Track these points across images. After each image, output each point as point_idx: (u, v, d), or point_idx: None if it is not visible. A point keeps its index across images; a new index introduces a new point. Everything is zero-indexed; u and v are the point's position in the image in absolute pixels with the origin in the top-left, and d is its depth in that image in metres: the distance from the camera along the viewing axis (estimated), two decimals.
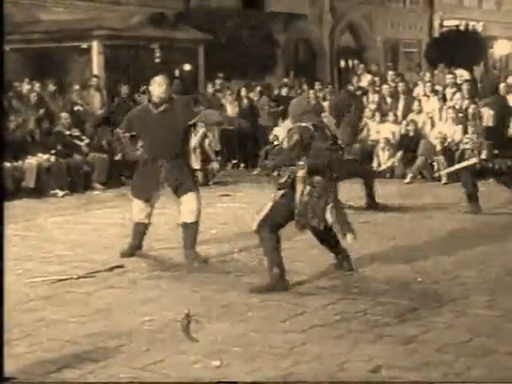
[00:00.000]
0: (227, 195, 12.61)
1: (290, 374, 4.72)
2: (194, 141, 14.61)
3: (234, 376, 4.66)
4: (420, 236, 8.80)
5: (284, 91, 17.34)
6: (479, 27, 26.59)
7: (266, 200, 6.92)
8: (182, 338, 5.18)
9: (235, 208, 11.14)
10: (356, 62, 17.80)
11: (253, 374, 4.70)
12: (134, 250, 7.94)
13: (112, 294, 6.60)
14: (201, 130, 15.19)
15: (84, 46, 17.84)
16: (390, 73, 17.24)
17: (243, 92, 16.93)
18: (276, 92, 17.84)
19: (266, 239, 6.59)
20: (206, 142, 14.66)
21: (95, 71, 17.36)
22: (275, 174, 6.97)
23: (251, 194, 12.51)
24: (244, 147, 16.41)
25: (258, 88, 17.37)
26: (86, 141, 14.00)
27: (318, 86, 17.77)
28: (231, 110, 16.61)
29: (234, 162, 16.31)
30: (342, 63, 26.94)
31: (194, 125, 7.86)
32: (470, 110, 14.81)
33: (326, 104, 16.35)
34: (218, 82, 17.35)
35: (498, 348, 5.12)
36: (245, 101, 16.74)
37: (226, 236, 8.94)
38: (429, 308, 6.01)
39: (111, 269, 7.35)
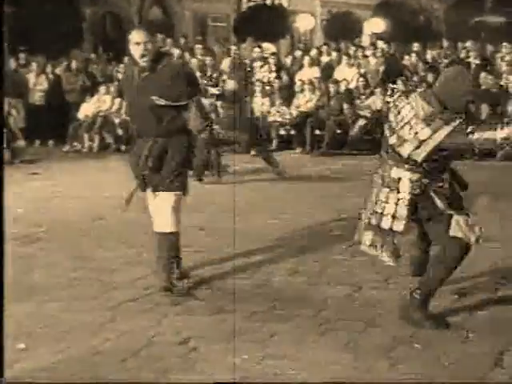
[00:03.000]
0: (36, 173, 12.27)
1: (98, 352, 4.70)
2: None
3: (39, 357, 4.57)
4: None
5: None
6: (284, 2, 27.17)
7: (76, 177, 6.80)
8: None
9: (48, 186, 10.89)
10: (163, 36, 17.73)
11: (59, 355, 4.64)
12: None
13: None
14: (5, 107, 14.59)
15: None
16: (198, 46, 17.33)
17: (48, 67, 16.47)
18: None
19: None
20: (11, 119, 14.30)
21: None
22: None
23: (61, 171, 12.30)
24: (52, 124, 15.98)
25: (65, 63, 16.93)
26: None
27: (127, 60, 17.52)
28: (37, 85, 16.13)
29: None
30: None
31: None
32: (275, 84, 15.28)
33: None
34: (21, 56, 16.75)
35: (300, 312, 5.33)
36: (50, 76, 16.31)
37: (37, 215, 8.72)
38: (235, 277, 6.15)
39: None
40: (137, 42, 5.59)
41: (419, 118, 5.00)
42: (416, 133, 4.98)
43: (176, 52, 17.31)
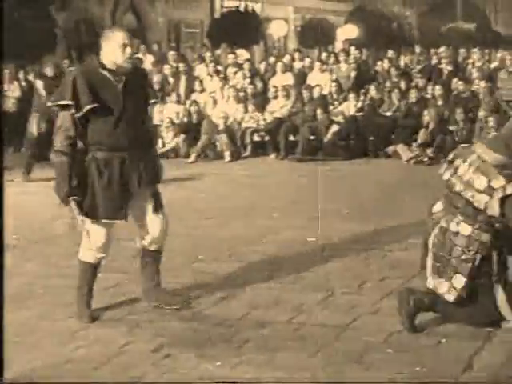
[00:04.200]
0: (11, 180, 12.17)
1: (70, 360, 4.69)
2: None
3: (10, 365, 4.54)
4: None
5: (49, 71, 16.69)
6: (258, 8, 27.26)
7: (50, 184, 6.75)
8: None
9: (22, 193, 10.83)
10: (137, 41, 17.73)
11: (32, 363, 4.62)
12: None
13: None
14: None
15: None
16: (171, 53, 17.33)
17: (21, 74, 16.38)
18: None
19: None
20: None
21: None
22: None
23: (35, 178, 12.26)
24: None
25: (36, 70, 16.82)
26: None
27: (96, 64, 17.45)
28: (10, 92, 16.03)
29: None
30: None
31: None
32: (249, 90, 15.34)
33: None
34: None
35: (275, 318, 5.35)
36: (23, 83, 16.22)
37: None
38: (208, 285, 6.15)
39: None
40: (124, 43, 5.26)
41: (489, 165, 4.75)
42: (489, 180, 4.72)
43: (150, 58, 17.32)
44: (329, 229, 8.06)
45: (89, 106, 5.16)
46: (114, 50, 5.27)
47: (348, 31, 26.91)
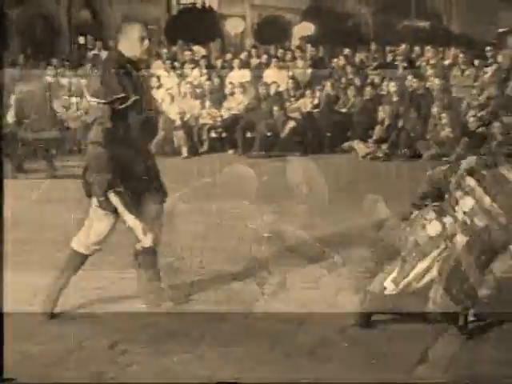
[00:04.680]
0: None
1: (28, 356, 4.69)
2: None
3: None
4: None
5: None
6: (215, 5, 27.23)
7: None
8: None
9: None
10: (91, 37, 17.64)
11: None
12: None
13: None
14: None
15: None
16: None
17: None
18: None
19: None
20: None
21: None
22: None
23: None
24: None
25: None
26: None
27: (55, 63, 17.39)
28: None
29: None
30: (82, 40, 26.50)
31: None
32: (206, 87, 15.37)
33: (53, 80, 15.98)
34: None
35: (231, 313, 5.39)
36: None
37: None
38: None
39: None
40: (142, 36, 5.24)
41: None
42: None
43: (105, 55, 17.21)
44: (285, 224, 8.11)
45: (133, 98, 5.11)
46: (132, 43, 5.25)
47: (304, 29, 27.00)
